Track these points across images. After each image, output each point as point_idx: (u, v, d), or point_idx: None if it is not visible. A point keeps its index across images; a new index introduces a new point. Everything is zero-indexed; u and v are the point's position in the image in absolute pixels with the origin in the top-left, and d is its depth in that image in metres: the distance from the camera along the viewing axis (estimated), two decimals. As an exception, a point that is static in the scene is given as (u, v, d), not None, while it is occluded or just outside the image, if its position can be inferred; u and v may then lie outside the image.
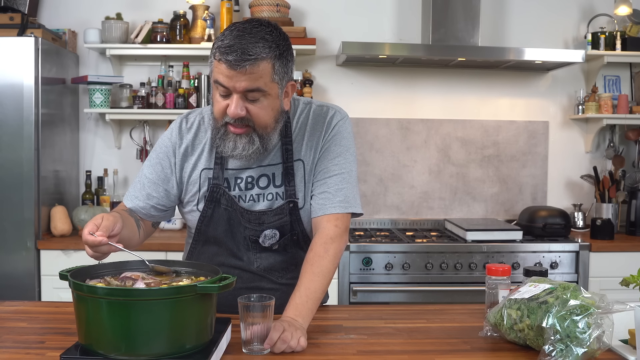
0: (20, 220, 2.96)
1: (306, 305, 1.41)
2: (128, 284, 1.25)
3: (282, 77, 1.43)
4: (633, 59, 3.54)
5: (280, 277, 1.62)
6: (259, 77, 1.37)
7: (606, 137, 3.71)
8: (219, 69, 1.38)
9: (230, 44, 1.36)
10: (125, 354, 1.12)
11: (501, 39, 3.64)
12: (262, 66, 1.37)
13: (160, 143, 1.61)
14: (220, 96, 1.42)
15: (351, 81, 3.61)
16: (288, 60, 1.44)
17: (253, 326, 1.27)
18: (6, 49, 2.95)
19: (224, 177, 1.55)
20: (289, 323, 1.33)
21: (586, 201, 3.68)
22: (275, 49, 1.39)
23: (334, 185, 1.54)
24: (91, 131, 3.58)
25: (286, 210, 1.55)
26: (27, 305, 1.71)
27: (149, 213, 1.60)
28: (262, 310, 1.28)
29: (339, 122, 1.58)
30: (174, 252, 2.96)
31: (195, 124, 1.60)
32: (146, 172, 1.59)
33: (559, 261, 3.05)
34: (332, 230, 1.51)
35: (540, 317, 1.24)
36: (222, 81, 1.38)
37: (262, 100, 1.41)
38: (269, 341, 1.27)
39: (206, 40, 3.34)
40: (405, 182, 3.63)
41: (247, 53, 1.34)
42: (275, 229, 1.56)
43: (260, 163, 1.56)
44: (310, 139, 1.57)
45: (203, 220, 1.58)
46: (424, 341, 1.40)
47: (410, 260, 2.99)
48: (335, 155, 1.56)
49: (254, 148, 1.45)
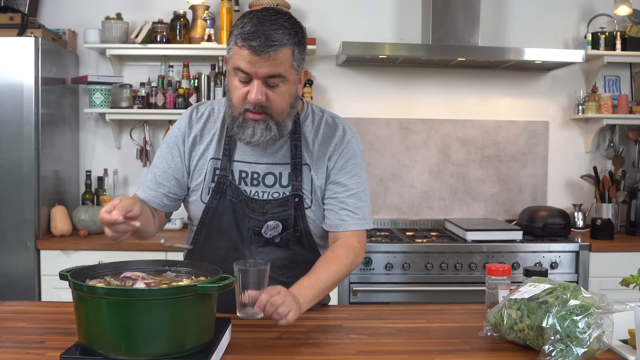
0: (20, 220, 2.96)
1: (312, 291, 1.44)
2: (128, 284, 1.25)
3: (300, 63, 1.48)
4: (633, 59, 3.54)
5: (280, 275, 1.62)
6: (280, 64, 1.41)
7: (606, 137, 3.71)
8: (240, 56, 1.40)
9: (252, 30, 1.38)
10: (125, 354, 1.12)
11: (501, 39, 3.64)
12: (283, 52, 1.40)
13: (170, 134, 1.64)
14: (239, 82, 1.44)
15: (351, 81, 3.61)
16: (305, 47, 1.49)
17: (248, 290, 1.32)
18: (6, 49, 2.95)
19: (230, 169, 1.57)
20: (288, 292, 1.36)
21: (586, 201, 3.68)
22: (295, 36, 1.44)
23: (353, 204, 1.59)
24: (91, 131, 3.58)
25: (291, 204, 1.56)
26: (27, 305, 1.71)
27: (162, 202, 1.61)
28: (257, 275, 1.32)
29: (352, 140, 1.63)
30: (174, 252, 2.96)
31: (205, 114, 1.62)
32: (157, 162, 1.62)
33: (559, 261, 3.05)
34: (355, 244, 1.58)
35: (540, 317, 1.24)
36: (243, 67, 1.40)
37: (281, 86, 1.45)
38: (258, 304, 1.31)
39: (206, 40, 3.35)
40: (405, 182, 3.63)
41: (270, 39, 1.38)
42: (279, 220, 1.57)
43: (268, 160, 1.58)
44: (320, 148, 1.61)
45: (208, 212, 1.59)
46: (424, 341, 1.40)
47: (410, 260, 2.99)
48: (352, 174, 1.61)
49: (271, 134, 1.48)
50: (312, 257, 1.62)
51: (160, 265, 1.37)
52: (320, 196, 1.61)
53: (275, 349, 1.33)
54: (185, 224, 3.48)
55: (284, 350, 1.32)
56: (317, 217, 1.60)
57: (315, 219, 1.60)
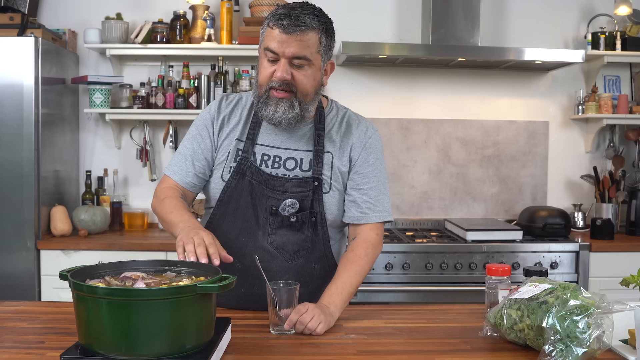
0: (20, 220, 2.96)
1: (340, 296, 1.54)
2: (128, 284, 1.25)
3: (326, 51, 1.58)
4: (633, 59, 3.54)
5: (290, 259, 1.65)
6: (307, 46, 1.51)
7: (606, 137, 3.71)
8: (271, 36, 1.51)
9: (284, 12, 1.51)
10: (125, 354, 1.12)
11: (501, 39, 3.64)
12: (310, 35, 1.51)
13: (199, 117, 1.71)
14: (268, 62, 1.54)
15: (351, 81, 3.61)
16: (332, 38, 1.59)
17: (279, 309, 1.41)
18: (6, 49, 2.95)
19: (252, 151, 1.64)
20: (315, 306, 1.46)
21: (586, 201, 3.68)
22: (323, 24, 1.55)
23: (374, 196, 1.67)
24: (91, 131, 3.58)
25: (310, 186, 1.62)
26: (27, 305, 1.71)
27: (192, 182, 1.67)
28: (287, 294, 1.42)
29: (373, 136, 1.73)
30: (174, 252, 2.95)
31: (234, 101, 1.71)
32: (186, 143, 1.69)
33: (559, 261, 3.05)
34: (374, 238, 1.66)
35: (540, 317, 1.24)
36: (273, 47, 1.51)
37: (307, 68, 1.54)
38: (288, 322, 1.41)
39: (206, 40, 3.34)
40: (405, 182, 3.63)
41: (300, 20, 1.50)
42: (296, 200, 1.61)
43: (291, 146, 1.64)
44: (343, 139, 1.68)
45: (226, 191, 1.64)
46: (424, 341, 1.41)
47: (410, 260, 2.99)
48: (374, 168, 1.69)
49: (293, 113, 1.56)
50: (322, 246, 1.67)
51: (160, 265, 1.37)
52: (341, 183, 1.66)
53: (275, 349, 1.33)
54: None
55: (284, 350, 1.33)
56: (333, 203, 1.65)
57: (331, 205, 1.65)
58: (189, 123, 3.39)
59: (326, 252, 1.69)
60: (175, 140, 3.53)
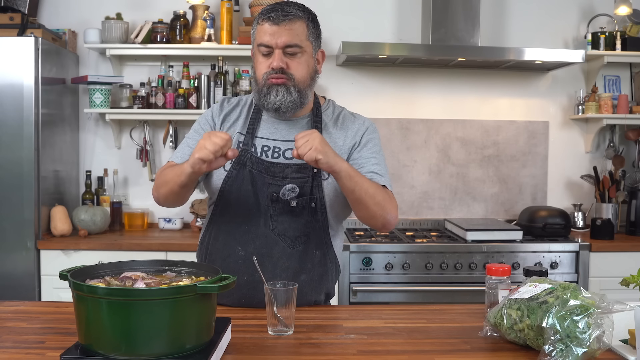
0: (20, 220, 2.96)
1: (346, 164, 1.54)
2: (128, 284, 1.25)
3: (315, 39, 1.69)
4: (633, 59, 3.54)
5: (291, 245, 1.67)
6: (296, 34, 1.62)
7: (606, 137, 3.71)
8: (262, 31, 1.62)
9: (270, 7, 1.63)
10: (125, 354, 1.12)
11: (501, 39, 3.64)
12: (298, 24, 1.63)
13: (201, 116, 1.80)
14: (262, 57, 1.64)
15: (351, 81, 3.61)
16: (318, 28, 1.71)
17: (278, 309, 1.40)
18: (6, 49, 2.95)
19: (252, 143, 1.71)
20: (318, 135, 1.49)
21: (586, 201, 3.68)
22: (309, 13, 1.68)
23: (379, 169, 1.71)
24: (91, 131, 3.58)
25: (309, 172, 1.66)
26: (27, 305, 1.71)
27: None
28: (286, 294, 1.41)
29: (370, 127, 1.79)
30: (174, 252, 2.96)
31: (234, 102, 1.81)
32: (190, 136, 1.76)
33: (559, 261, 3.05)
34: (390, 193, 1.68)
35: (540, 317, 1.24)
36: (265, 40, 1.61)
37: (300, 56, 1.64)
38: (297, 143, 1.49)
39: (206, 40, 3.35)
40: (405, 182, 3.63)
41: (286, 11, 1.61)
42: (296, 185, 1.66)
43: (290, 138, 1.68)
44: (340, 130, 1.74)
45: (227, 181, 1.68)
46: (424, 341, 1.40)
47: (410, 260, 2.99)
48: (373, 151, 1.74)
49: (291, 98, 1.64)
50: (322, 232, 1.70)
51: (160, 265, 1.37)
52: None
53: (275, 349, 1.33)
54: (185, 224, 3.49)
55: (283, 350, 1.33)
56: (332, 190, 1.67)
57: (330, 192, 1.67)
58: (189, 123, 3.41)
59: (325, 239, 1.71)
60: (175, 140, 3.53)
